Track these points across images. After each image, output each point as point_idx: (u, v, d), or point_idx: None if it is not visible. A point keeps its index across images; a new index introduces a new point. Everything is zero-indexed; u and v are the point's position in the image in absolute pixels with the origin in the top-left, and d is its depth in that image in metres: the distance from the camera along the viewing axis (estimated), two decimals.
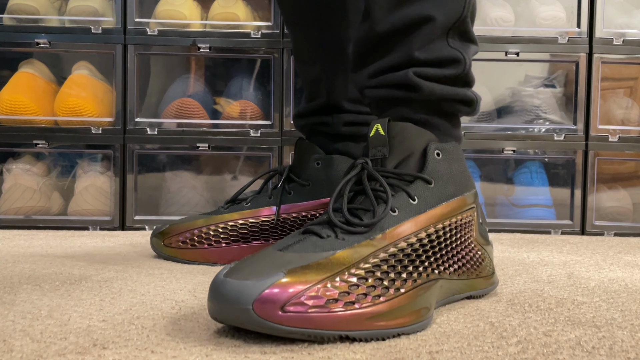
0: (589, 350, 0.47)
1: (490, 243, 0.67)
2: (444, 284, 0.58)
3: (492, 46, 1.35)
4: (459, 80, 0.63)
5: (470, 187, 0.63)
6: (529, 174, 1.37)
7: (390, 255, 0.52)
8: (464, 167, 0.63)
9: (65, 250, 0.97)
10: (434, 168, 0.59)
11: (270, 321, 0.45)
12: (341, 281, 0.48)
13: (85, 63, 1.34)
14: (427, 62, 0.62)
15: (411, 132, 0.60)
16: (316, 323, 0.46)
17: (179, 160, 1.37)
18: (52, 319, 0.53)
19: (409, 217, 0.56)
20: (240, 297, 0.45)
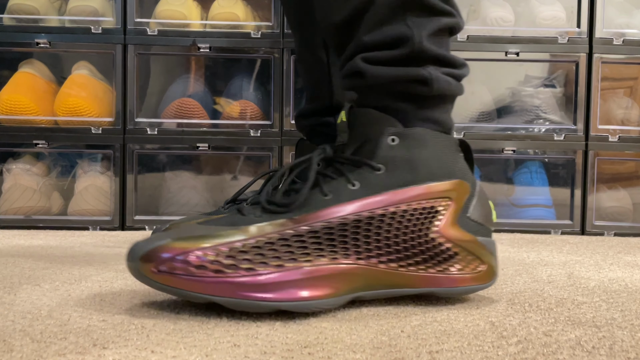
0: (589, 350, 0.47)
1: (485, 243, 0.61)
2: (369, 273, 0.56)
3: (492, 46, 1.35)
4: (411, 59, 0.59)
5: (446, 175, 0.59)
6: (529, 174, 1.37)
7: (293, 235, 0.53)
8: (438, 153, 0.59)
9: (65, 250, 0.97)
10: (386, 154, 0.58)
11: (148, 277, 0.51)
12: (218, 251, 0.51)
13: (85, 63, 1.34)
14: (374, 45, 0.60)
15: (370, 118, 0.60)
16: (184, 284, 0.51)
17: (179, 160, 1.37)
18: (52, 318, 0.53)
19: (342, 202, 0.56)
20: (133, 254, 0.52)
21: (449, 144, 0.61)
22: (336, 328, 0.52)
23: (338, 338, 0.49)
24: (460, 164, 0.61)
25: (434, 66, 0.60)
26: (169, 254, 0.51)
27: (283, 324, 0.52)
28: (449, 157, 0.60)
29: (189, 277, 0.51)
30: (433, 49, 0.60)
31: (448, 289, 0.59)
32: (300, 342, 0.47)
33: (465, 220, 0.59)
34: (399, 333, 0.51)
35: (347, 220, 0.56)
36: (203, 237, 0.52)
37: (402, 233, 0.57)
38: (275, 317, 0.55)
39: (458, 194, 0.59)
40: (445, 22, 0.61)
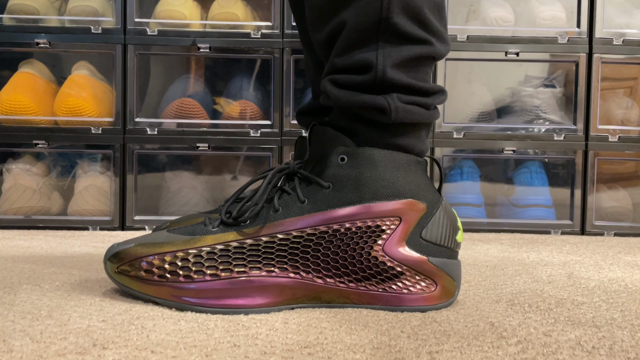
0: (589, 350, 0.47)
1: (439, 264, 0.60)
2: (307, 287, 0.58)
3: (492, 46, 1.35)
4: (374, 86, 0.60)
5: (394, 195, 0.59)
6: (529, 174, 1.37)
7: (236, 247, 0.58)
8: (387, 173, 0.59)
9: (65, 250, 0.97)
10: (334, 172, 0.59)
11: (111, 274, 0.60)
12: (163, 258, 0.58)
13: (85, 63, 1.34)
14: (342, 68, 0.61)
15: (327, 137, 0.61)
16: (134, 285, 0.58)
17: (179, 160, 1.37)
18: (52, 319, 0.53)
19: (290, 217, 0.58)
20: (106, 254, 0.61)
21: (404, 163, 0.60)
22: (336, 328, 0.52)
23: (338, 338, 0.49)
24: (415, 183, 0.60)
25: (398, 94, 0.60)
26: (127, 258, 0.59)
27: (283, 324, 0.53)
28: (400, 177, 0.60)
29: (138, 279, 0.58)
30: (397, 77, 0.60)
31: (392, 307, 0.59)
32: (300, 342, 0.47)
33: (417, 240, 0.59)
34: (399, 333, 0.51)
35: (290, 236, 0.58)
36: (156, 244, 0.59)
37: (342, 251, 0.58)
38: (275, 317, 0.55)
39: (409, 213, 0.59)
40: (419, 51, 0.60)
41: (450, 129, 1.34)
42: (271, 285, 0.57)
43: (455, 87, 1.40)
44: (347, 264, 0.58)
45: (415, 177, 0.61)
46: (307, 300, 0.59)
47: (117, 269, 0.59)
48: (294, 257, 0.58)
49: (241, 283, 0.57)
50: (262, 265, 0.57)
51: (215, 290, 0.57)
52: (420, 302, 0.59)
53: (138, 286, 0.58)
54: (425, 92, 0.62)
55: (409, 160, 0.61)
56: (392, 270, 0.58)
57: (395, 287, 0.59)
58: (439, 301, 0.60)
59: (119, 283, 0.59)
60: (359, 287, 0.59)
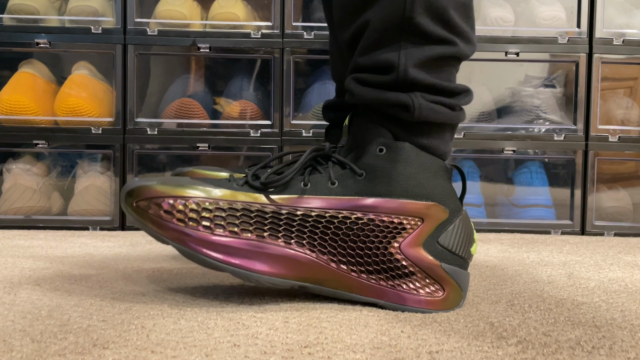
0: (589, 350, 0.47)
1: (451, 272, 0.60)
2: (319, 268, 0.58)
3: (492, 46, 1.35)
4: (397, 85, 0.60)
5: (422, 196, 0.59)
6: (529, 174, 1.37)
7: (258, 210, 0.58)
8: (419, 173, 0.60)
9: (65, 250, 0.97)
10: (370, 162, 0.60)
11: (128, 208, 0.58)
12: (185, 203, 0.57)
13: (85, 63, 1.34)
14: (366, 67, 0.62)
15: (366, 127, 0.62)
16: (151, 223, 0.57)
17: (179, 160, 1.37)
18: (52, 319, 0.53)
19: (318, 195, 0.59)
20: (124, 188, 0.58)
21: (434, 167, 0.61)
22: (336, 328, 0.52)
23: (338, 338, 0.49)
24: (442, 189, 0.61)
25: (421, 93, 0.60)
26: (148, 195, 0.57)
27: (283, 324, 0.53)
28: (430, 179, 0.60)
29: (157, 218, 0.56)
30: (420, 77, 0.60)
31: (395, 304, 0.59)
32: (300, 342, 0.47)
33: (433, 244, 0.60)
34: (399, 333, 0.51)
35: (313, 213, 0.58)
36: (181, 187, 0.58)
37: (360, 240, 0.58)
38: (275, 317, 0.55)
39: (432, 216, 0.60)
40: (441, 51, 0.60)
41: None
42: (285, 256, 0.57)
43: None
44: (363, 254, 0.58)
45: (442, 183, 0.61)
46: (312, 281, 0.59)
47: (136, 204, 0.57)
48: (313, 235, 0.58)
49: (257, 247, 0.57)
50: (281, 235, 0.57)
51: (229, 247, 0.56)
52: (423, 305, 0.59)
53: (153, 225, 0.57)
54: (450, 92, 0.62)
55: (439, 165, 0.61)
56: (405, 269, 0.59)
57: (404, 286, 0.59)
58: (441, 307, 0.60)
59: (135, 217, 0.57)
60: (369, 279, 0.59)
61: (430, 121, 0.61)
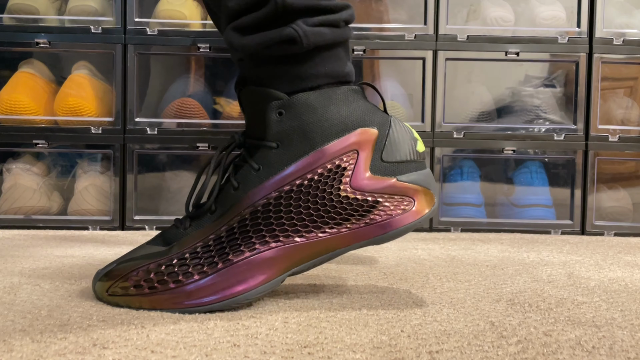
0: (589, 350, 0.47)
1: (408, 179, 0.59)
2: (292, 251, 0.57)
3: (492, 46, 1.35)
4: (277, 17, 0.57)
5: (342, 130, 0.58)
6: (529, 174, 1.37)
7: (215, 239, 0.57)
8: (327, 112, 0.58)
9: (65, 250, 0.97)
10: (276, 130, 0.58)
11: (103, 298, 0.59)
12: (148, 270, 0.57)
13: (85, 63, 1.34)
14: (238, 10, 0.58)
15: (254, 96, 0.60)
16: (129, 301, 0.57)
17: (179, 160, 1.37)
18: (52, 318, 0.53)
19: (251, 189, 0.58)
20: (93, 281, 0.61)
21: (340, 96, 0.59)
22: (336, 328, 0.52)
23: (338, 338, 0.49)
24: (359, 111, 0.59)
25: (303, 18, 0.57)
26: (113, 278, 0.58)
27: (283, 324, 0.53)
28: (341, 111, 0.59)
29: (130, 295, 0.57)
30: (298, 1, 0.57)
31: (381, 236, 0.58)
32: (300, 342, 0.47)
33: (379, 165, 0.59)
34: (399, 333, 0.51)
35: (257, 207, 0.57)
36: (137, 259, 0.58)
37: (312, 202, 0.57)
38: (275, 317, 0.55)
39: (363, 142, 0.58)
40: None
41: (450, 128, 1.34)
42: (258, 262, 0.56)
43: (455, 87, 1.40)
44: (322, 213, 0.57)
45: (357, 106, 0.59)
46: (295, 265, 0.58)
47: (108, 292, 0.58)
48: (269, 226, 0.57)
49: (230, 271, 0.56)
50: (243, 247, 0.56)
51: (208, 286, 0.56)
52: (404, 222, 0.58)
53: (132, 302, 0.57)
54: (331, 9, 0.59)
55: (345, 91, 0.59)
56: (367, 202, 0.58)
57: (376, 217, 0.58)
58: (421, 214, 0.59)
59: (116, 304, 0.58)
60: (341, 230, 0.57)
61: (320, 45, 0.58)
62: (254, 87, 0.60)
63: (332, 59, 0.60)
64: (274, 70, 0.59)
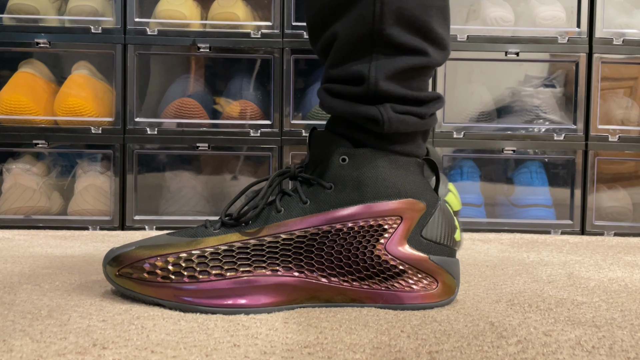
0: (589, 350, 0.47)
1: (440, 262, 0.60)
2: (310, 286, 0.58)
3: (492, 46, 1.35)
4: (367, 97, 0.60)
5: (395, 195, 0.59)
6: (529, 173, 1.37)
7: (240, 247, 0.58)
8: (387, 173, 0.60)
9: (65, 250, 0.97)
10: (336, 173, 0.60)
11: (112, 278, 0.60)
12: (166, 260, 0.58)
13: (85, 63, 1.34)
14: (337, 78, 0.62)
15: (327, 140, 0.62)
16: (136, 287, 0.58)
17: (179, 160, 1.37)
18: (52, 318, 0.53)
19: (294, 217, 0.59)
20: (104, 259, 0.61)
21: (403, 165, 0.61)
22: (336, 328, 0.52)
23: (338, 338, 0.49)
24: (414, 184, 0.61)
25: (392, 104, 0.60)
26: (128, 261, 0.59)
27: (283, 324, 0.53)
28: (400, 177, 0.61)
29: (141, 281, 0.58)
30: (391, 89, 0.60)
31: (393, 304, 0.59)
32: (300, 342, 0.47)
33: (417, 239, 0.60)
34: (399, 333, 0.51)
35: (293, 235, 0.58)
36: (159, 246, 0.59)
37: (345, 249, 0.59)
38: (275, 317, 0.55)
39: (410, 212, 0.60)
40: (412, 62, 0.60)
41: (450, 128, 1.35)
42: (276, 284, 0.58)
43: (455, 87, 1.40)
44: (351, 263, 0.59)
45: (414, 178, 0.61)
46: (307, 300, 0.59)
47: (118, 272, 0.59)
48: (298, 256, 0.58)
49: (245, 282, 0.57)
50: (266, 264, 0.58)
51: (218, 290, 0.57)
52: (420, 300, 0.60)
53: (140, 288, 0.58)
54: (420, 101, 0.62)
55: (408, 162, 0.62)
56: (395, 268, 0.59)
57: (397, 285, 0.59)
58: (439, 299, 0.60)
59: (120, 286, 0.59)
60: (362, 285, 0.59)
61: (400, 132, 0.61)
62: (329, 132, 0.63)
63: (408, 143, 0.62)
64: (351, 132, 0.62)
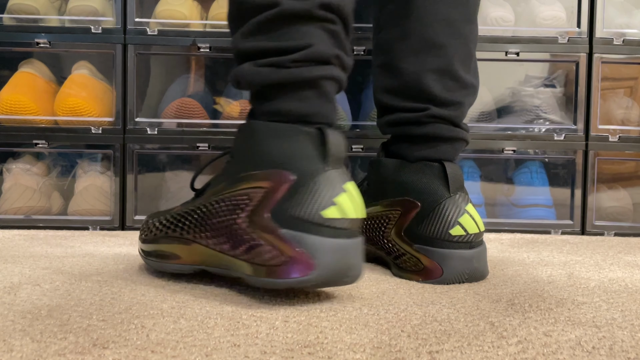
0: (589, 350, 0.47)
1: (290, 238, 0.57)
2: (202, 250, 0.65)
3: (492, 46, 1.35)
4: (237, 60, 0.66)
5: (264, 165, 0.59)
6: (529, 174, 1.37)
7: (175, 213, 0.70)
8: (261, 144, 0.60)
9: (65, 250, 0.97)
10: (234, 145, 0.65)
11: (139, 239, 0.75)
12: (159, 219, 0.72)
13: (85, 63, 1.34)
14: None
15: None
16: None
17: (179, 160, 1.37)
18: (52, 318, 0.53)
19: (211, 189, 0.66)
20: None
21: (284, 133, 0.60)
22: (336, 328, 0.52)
23: (338, 338, 0.49)
24: (290, 153, 0.59)
25: (253, 61, 0.62)
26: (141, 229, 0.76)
27: (283, 323, 0.53)
28: (275, 146, 0.59)
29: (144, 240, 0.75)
30: (248, 46, 0.63)
31: (261, 278, 0.58)
32: (300, 342, 0.47)
33: (280, 211, 0.58)
34: (399, 333, 0.51)
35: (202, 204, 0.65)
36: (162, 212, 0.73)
37: (218, 220, 0.62)
38: (275, 316, 0.55)
39: (275, 184, 0.58)
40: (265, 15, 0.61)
41: None
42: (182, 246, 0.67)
43: None
44: (222, 232, 0.62)
45: (294, 147, 0.59)
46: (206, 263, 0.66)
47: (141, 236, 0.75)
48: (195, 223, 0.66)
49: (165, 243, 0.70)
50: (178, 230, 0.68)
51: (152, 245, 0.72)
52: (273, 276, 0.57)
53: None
54: (282, 51, 0.61)
55: (293, 130, 0.60)
56: (253, 240, 0.59)
57: (257, 258, 0.58)
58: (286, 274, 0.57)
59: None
60: (235, 254, 0.61)
61: (270, 84, 0.61)
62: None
63: (294, 99, 0.62)
64: (252, 104, 0.66)
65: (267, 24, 0.62)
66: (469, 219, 0.73)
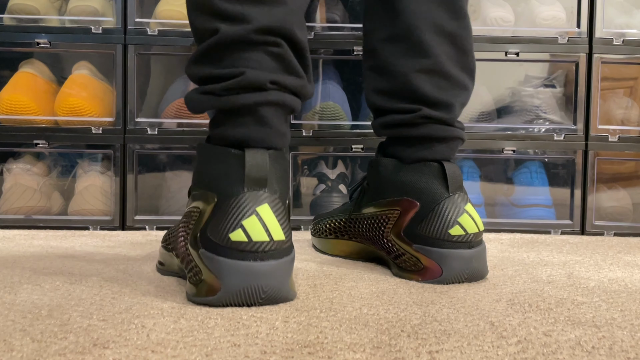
0: (589, 350, 0.47)
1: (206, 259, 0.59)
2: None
3: (492, 46, 1.35)
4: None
5: (199, 186, 0.63)
6: (529, 173, 1.37)
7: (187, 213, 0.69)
8: (200, 166, 0.64)
9: (65, 250, 0.97)
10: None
11: None
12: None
13: (85, 63, 1.34)
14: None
15: None
16: None
17: (179, 160, 1.37)
18: (52, 318, 0.53)
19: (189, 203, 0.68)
20: None
21: (216, 156, 0.62)
22: (336, 328, 0.52)
23: (338, 338, 0.49)
24: (215, 175, 0.61)
25: (201, 87, 0.64)
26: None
27: (283, 323, 0.53)
28: (206, 168, 0.62)
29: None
30: (195, 72, 0.64)
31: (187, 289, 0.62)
32: (300, 342, 0.47)
33: (203, 232, 0.60)
34: (399, 333, 0.51)
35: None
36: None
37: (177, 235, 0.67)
38: (275, 316, 0.55)
39: (204, 204, 0.61)
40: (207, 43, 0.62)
41: None
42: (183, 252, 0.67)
43: None
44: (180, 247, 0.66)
45: (219, 169, 0.61)
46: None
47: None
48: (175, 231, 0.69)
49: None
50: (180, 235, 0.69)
51: None
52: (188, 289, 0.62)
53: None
54: (219, 78, 0.63)
55: (223, 153, 0.62)
56: (188, 258, 0.63)
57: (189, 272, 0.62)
58: (202, 295, 0.59)
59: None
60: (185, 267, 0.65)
61: (222, 110, 0.63)
62: None
63: (234, 125, 0.63)
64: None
65: (208, 51, 0.63)
66: (468, 218, 0.73)
